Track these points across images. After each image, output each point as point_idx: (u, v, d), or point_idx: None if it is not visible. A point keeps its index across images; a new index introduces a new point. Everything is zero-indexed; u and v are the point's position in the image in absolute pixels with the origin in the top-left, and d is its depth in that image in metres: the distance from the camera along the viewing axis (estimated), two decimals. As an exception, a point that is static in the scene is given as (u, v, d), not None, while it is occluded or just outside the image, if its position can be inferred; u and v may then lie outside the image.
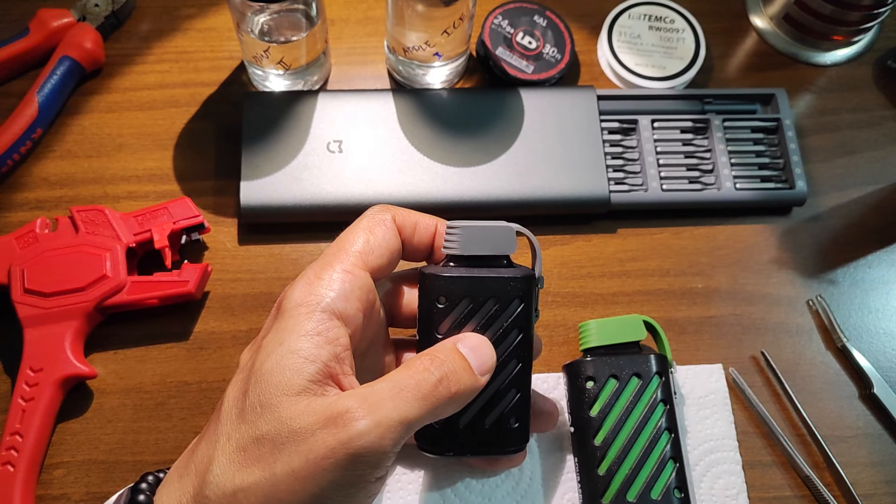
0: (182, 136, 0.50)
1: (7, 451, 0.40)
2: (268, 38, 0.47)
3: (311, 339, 0.29)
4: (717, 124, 0.51)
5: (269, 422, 0.28)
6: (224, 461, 0.28)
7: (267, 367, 0.29)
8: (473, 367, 0.31)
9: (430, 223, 0.35)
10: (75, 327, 0.42)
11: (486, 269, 0.34)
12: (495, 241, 0.34)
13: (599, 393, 0.40)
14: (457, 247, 0.34)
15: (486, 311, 0.33)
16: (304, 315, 0.30)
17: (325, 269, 0.32)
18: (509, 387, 0.34)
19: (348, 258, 0.32)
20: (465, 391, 0.31)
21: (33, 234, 0.44)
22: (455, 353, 0.31)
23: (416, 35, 0.47)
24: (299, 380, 0.28)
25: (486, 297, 0.33)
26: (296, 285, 0.31)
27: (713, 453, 0.43)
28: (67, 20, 0.51)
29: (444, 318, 0.33)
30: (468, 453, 0.35)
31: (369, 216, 0.34)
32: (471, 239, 0.34)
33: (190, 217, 0.45)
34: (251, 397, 0.29)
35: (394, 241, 0.34)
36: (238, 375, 0.31)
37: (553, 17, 0.52)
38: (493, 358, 0.33)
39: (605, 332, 0.42)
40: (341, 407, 0.28)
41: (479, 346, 0.32)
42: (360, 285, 0.32)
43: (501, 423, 0.34)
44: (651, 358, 0.41)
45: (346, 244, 0.33)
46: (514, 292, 0.34)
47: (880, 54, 0.56)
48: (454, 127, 0.49)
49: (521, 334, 0.34)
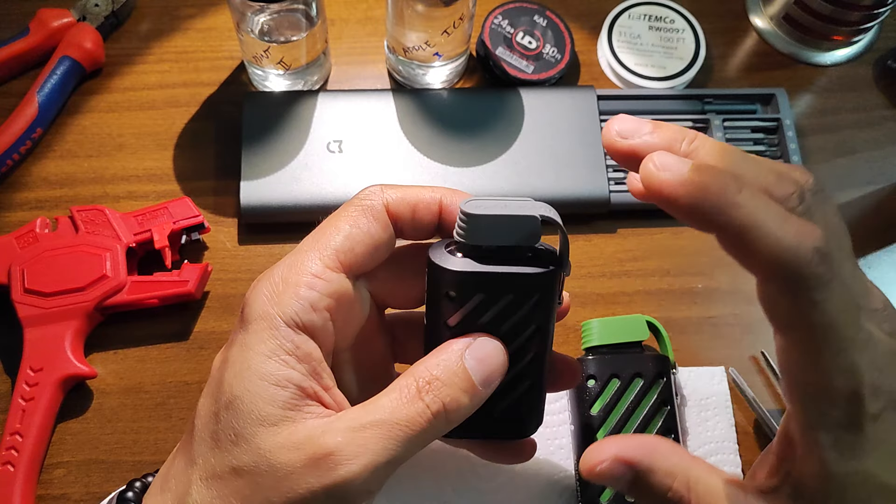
0: (182, 136, 0.50)
1: (7, 450, 0.40)
2: (268, 38, 0.47)
3: (277, 360, 0.27)
4: (717, 124, 0.51)
5: (246, 452, 0.26)
6: (202, 488, 0.27)
7: (236, 391, 0.27)
8: (477, 381, 0.28)
9: (431, 202, 0.31)
10: (75, 327, 0.42)
11: (503, 263, 0.29)
12: (515, 231, 0.29)
13: (601, 392, 0.40)
14: (470, 237, 0.29)
15: (502, 306, 0.30)
16: (267, 331, 0.27)
17: (293, 270, 0.28)
18: (523, 378, 0.31)
19: (321, 257, 0.29)
20: (463, 413, 0.28)
21: (33, 233, 0.44)
22: (458, 371, 0.28)
23: (416, 35, 0.47)
24: (273, 409, 0.26)
25: (502, 293, 0.29)
26: (260, 288, 0.28)
27: (713, 455, 0.43)
28: (67, 20, 0.51)
29: (454, 310, 0.30)
30: (475, 436, 0.33)
31: (357, 202, 0.30)
32: (488, 229, 0.29)
33: (190, 217, 0.45)
34: (223, 422, 0.27)
35: (381, 233, 0.30)
36: (208, 386, 0.29)
37: (553, 17, 0.52)
38: (503, 367, 0.30)
39: (607, 331, 0.42)
40: (325, 447, 0.26)
41: (489, 356, 0.29)
42: (330, 291, 0.28)
43: (512, 411, 0.32)
44: (653, 358, 0.41)
45: (324, 237, 0.29)
46: (534, 289, 0.29)
47: (880, 54, 0.56)
48: (454, 127, 0.49)
49: (538, 327, 0.30)
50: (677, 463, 0.29)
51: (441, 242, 0.31)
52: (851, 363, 0.26)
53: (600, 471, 0.29)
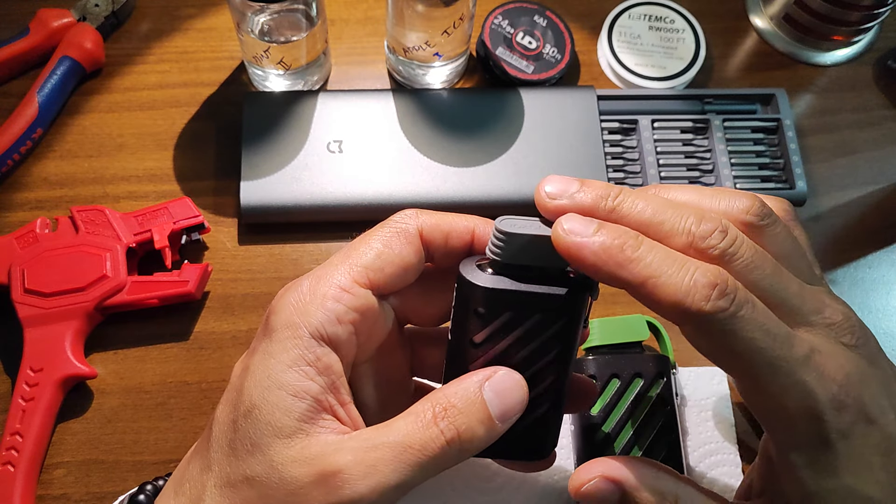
0: (182, 136, 0.50)
1: (7, 451, 0.40)
2: (268, 38, 0.47)
3: (298, 370, 0.27)
4: (717, 124, 0.51)
5: (260, 463, 0.27)
6: (216, 495, 0.27)
7: (255, 400, 0.27)
8: (495, 415, 0.28)
9: (464, 231, 0.31)
10: (75, 327, 0.42)
11: (534, 283, 0.29)
12: (549, 252, 0.29)
13: (601, 392, 0.40)
14: (504, 255, 0.29)
15: (529, 325, 0.30)
16: (291, 340, 0.27)
17: (322, 282, 0.29)
18: (543, 399, 0.31)
19: (351, 272, 0.29)
20: (478, 445, 0.28)
21: (33, 234, 0.44)
22: (476, 401, 0.28)
23: (417, 35, 0.47)
24: (289, 420, 0.27)
25: (531, 313, 0.29)
26: (287, 297, 0.28)
27: (713, 455, 0.43)
28: (67, 20, 0.51)
29: (481, 328, 0.30)
30: (490, 455, 0.32)
31: (392, 224, 0.30)
32: (521, 247, 0.29)
33: (190, 217, 0.45)
34: (241, 431, 0.27)
35: (412, 257, 0.30)
36: (229, 393, 0.29)
37: (553, 17, 0.52)
38: (523, 403, 0.29)
39: (607, 331, 0.42)
40: (334, 465, 0.26)
41: (509, 390, 0.29)
42: (357, 305, 0.28)
43: (529, 432, 0.32)
44: (654, 358, 0.41)
45: (356, 254, 0.29)
46: (562, 311, 0.29)
47: (880, 54, 0.56)
48: (454, 127, 0.49)
49: (562, 350, 0.30)
50: (665, 483, 0.29)
51: (472, 259, 0.31)
52: (796, 381, 0.26)
53: (587, 490, 0.29)
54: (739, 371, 0.27)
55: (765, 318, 0.26)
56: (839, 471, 0.27)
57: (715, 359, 0.28)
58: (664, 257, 0.26)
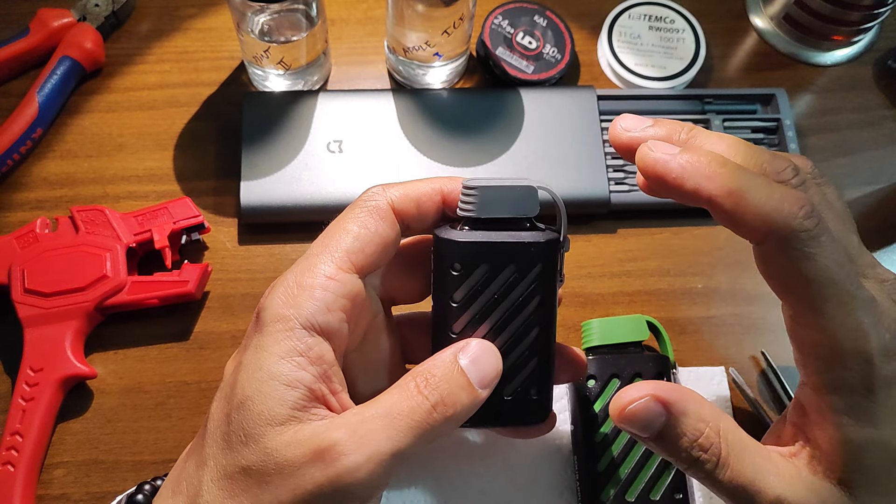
0: (182, 136, 0.50)
1: (7, 451, 0.40)
2: (268, 38, 0.47)
3: (290, 361, 0.27)
4: (717, 124, 0.51)
5: (255, 452, 0.27)
6: (213, 489, 0.27)
7: (248, 392, 0.27)
8: (474, 381, 0.29)
9: (433, 193, 0.32)
10: (75, 327, 0.42)
11: (505, 233, 0.31)
12: (516, 202, 0.31)
13: (601, 392, 0.40)
14: (474, 209, 0.31)
15: (505, 277, 0.31)
16: (282, 332, 0.28)
17: (307, 274, 0.29)
18: (530, 356, 0.32)
19: (333, 259, 0.29)
20: (463, 411, 0.29)
21: (33, 234, 0.44)
22: (453, 370, 0.29)
23: (417, 35, 0.47)
24: (282, 409, 0.27)
25: (506, 262, 0.31)
26: (275, 292, 0.29)
27: (713, 453, 0.43)
28: (67, 20, 0.51)
29: (459, 285, 0.31)
30: (486, 424, 0.33)
31: (362, 203, 0.31)
32: (489, 201, 0.31)
33: (190, 217, 0.45)
34: (234, 424, 0.27)
35: (388, 232, 0.31)
36: (221, 390, 0.29)
37: (553, 17, 0.52)
38: (499, 367, 0.30)
39: (607, 331, 0.42)
40: (329, 440, 0.26)
41: (482, 355, 0.30)
42: (345, 292, 0.29)
43: (521, 394, 0.32)
44: (654, 358, 0.41)
45: (334, 240, 0.30)
46: (535, 257, 0.31)
47: (880, 54, 0.56)
48: (454, 127, 0.49)
49: (542, 300, 0.31)
50: (709, 411, 0.29)
51: (445, 225, 0.32)
52: (855, 321, 0.26)
53: (635, 409, 0.28)
54: (806, 300, 0.27)
55: (840, 253, 0.26)
56: (878, 420, 0.27)
57: (784, 283, 0.27)
58: (751, 176, 0.27)
